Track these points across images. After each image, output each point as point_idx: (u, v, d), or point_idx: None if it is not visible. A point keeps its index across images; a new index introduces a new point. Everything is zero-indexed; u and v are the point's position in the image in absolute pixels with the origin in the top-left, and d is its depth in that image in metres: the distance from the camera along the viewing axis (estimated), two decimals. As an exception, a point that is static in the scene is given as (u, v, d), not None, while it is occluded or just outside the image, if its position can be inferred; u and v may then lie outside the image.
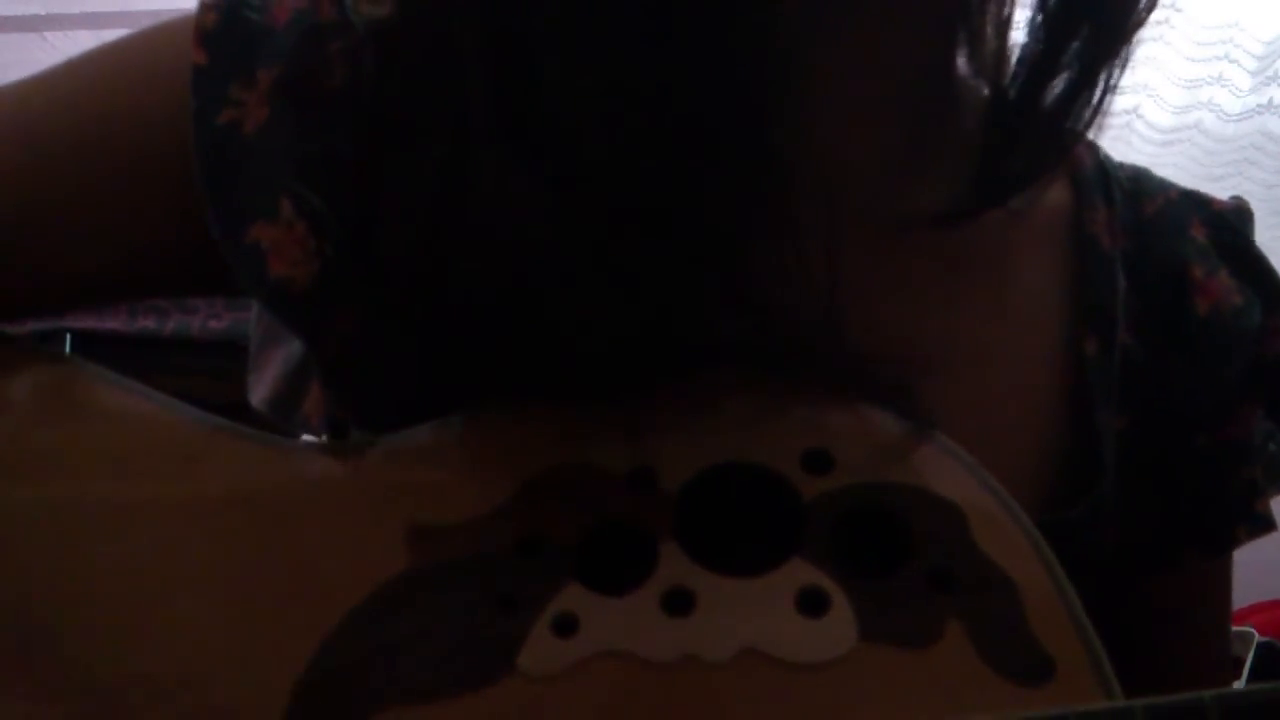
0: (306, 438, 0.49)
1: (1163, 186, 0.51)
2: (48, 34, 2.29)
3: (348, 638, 0.36)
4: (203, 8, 0.42)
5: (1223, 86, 2.18)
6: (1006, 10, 0.42)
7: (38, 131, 0.43)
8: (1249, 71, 2.16)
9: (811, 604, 0.34)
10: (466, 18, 0.38)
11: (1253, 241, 0.51)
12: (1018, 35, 0.43)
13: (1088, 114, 0.42)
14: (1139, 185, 0.51)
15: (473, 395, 0.40)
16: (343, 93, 0.41)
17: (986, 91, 0.45)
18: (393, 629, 0.36)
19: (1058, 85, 0.42)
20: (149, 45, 0.44)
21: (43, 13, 2.25)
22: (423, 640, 0.35)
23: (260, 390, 0.57)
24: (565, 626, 0.35)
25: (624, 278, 0.37)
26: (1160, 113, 2.22)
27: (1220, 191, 0.53)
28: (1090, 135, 0.44)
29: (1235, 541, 0.50)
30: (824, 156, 0.41)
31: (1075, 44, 0.42)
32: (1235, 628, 1.85)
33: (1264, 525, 0.50)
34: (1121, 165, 0.51)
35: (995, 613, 0.34)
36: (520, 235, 0.37)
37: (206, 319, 1.68)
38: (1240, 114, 2.23)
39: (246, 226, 0.41)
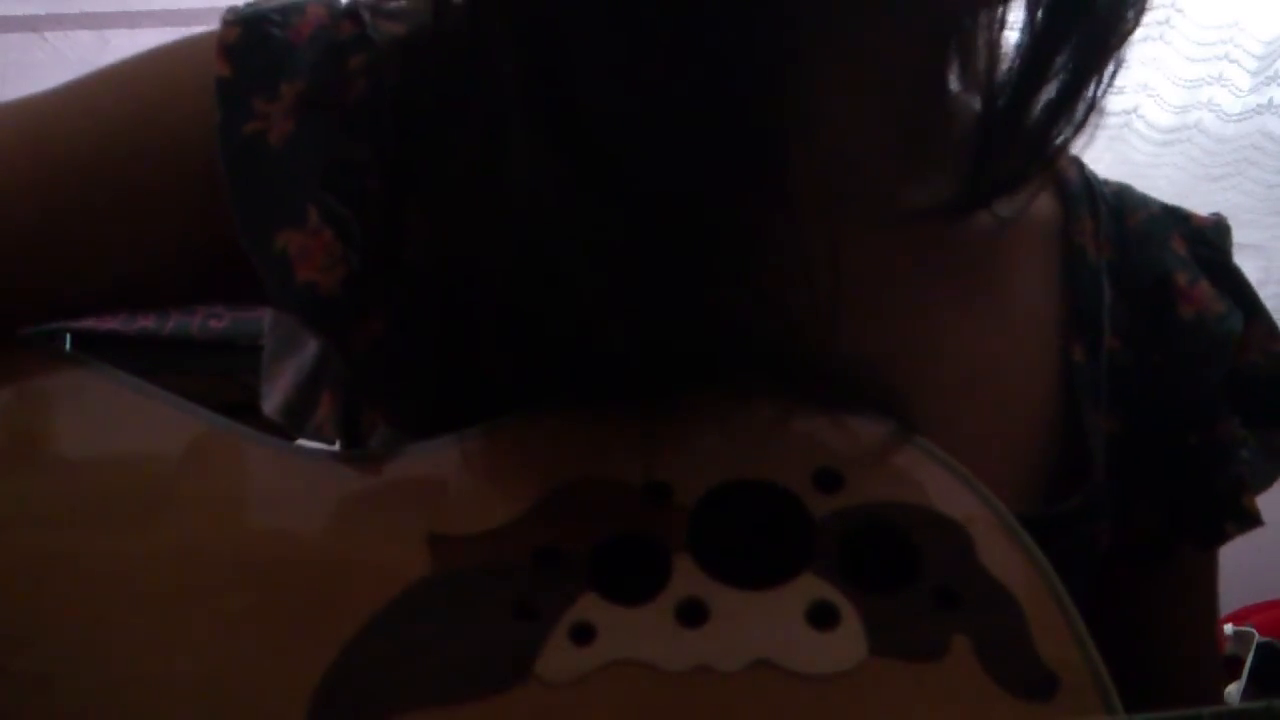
0: (318, 446, 0.49)
1: (1144, 201, 0.53)
2: (48, 34, 2.29)
3: (369, 642, 0.36)
4: (225, 22, 0.43)
5: (1223, 86, 2.19)
6: (998, 23, 0.43)
7: (60, 143, 0.44)
8: (1249, 71, 2.17)
9: (822, 617, 0.35)
10: (500, 26, 0.39)
11: (1230, 257, 0.53)
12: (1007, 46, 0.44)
13: (1074, 123, 0.44)
14: (1122, 200, 0.52)
15: (499, 398, 0.40)
16: (365, 105, 0.42)
17: (978, 104, 0.46)
18: (413, 634, 0.36)
19: (1046, 95, 0.43)
20: (172, 58, 0.45)
21: (43, 13, 2.25)
22: (443, 646, 0.36)
23: (273, 399, 0.57)
24: (582, 635, 0.35)
25: (650, 265, 0.38)
26: (1160, 113, 2.22)
27: (1220, 191, 0.55)
28: (1083, 139, 0.45)
29: (1225, 536, 0.52)
30: (824, 158, 0.43)
31: (1062, 56, 0.43)
32: (1235, 627, 1.86)
33: (1251, 521, 0.51)
34: (1105, 181, 0.53)
35: (1000, 629, 0.35)
36: (553, 225, 0.38)
37: (206, 319, 1.68)
38: (1240, 114, 2.23)
39: (273, 234, 0.41)
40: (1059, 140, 0.44)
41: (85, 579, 0.39)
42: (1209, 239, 0.52)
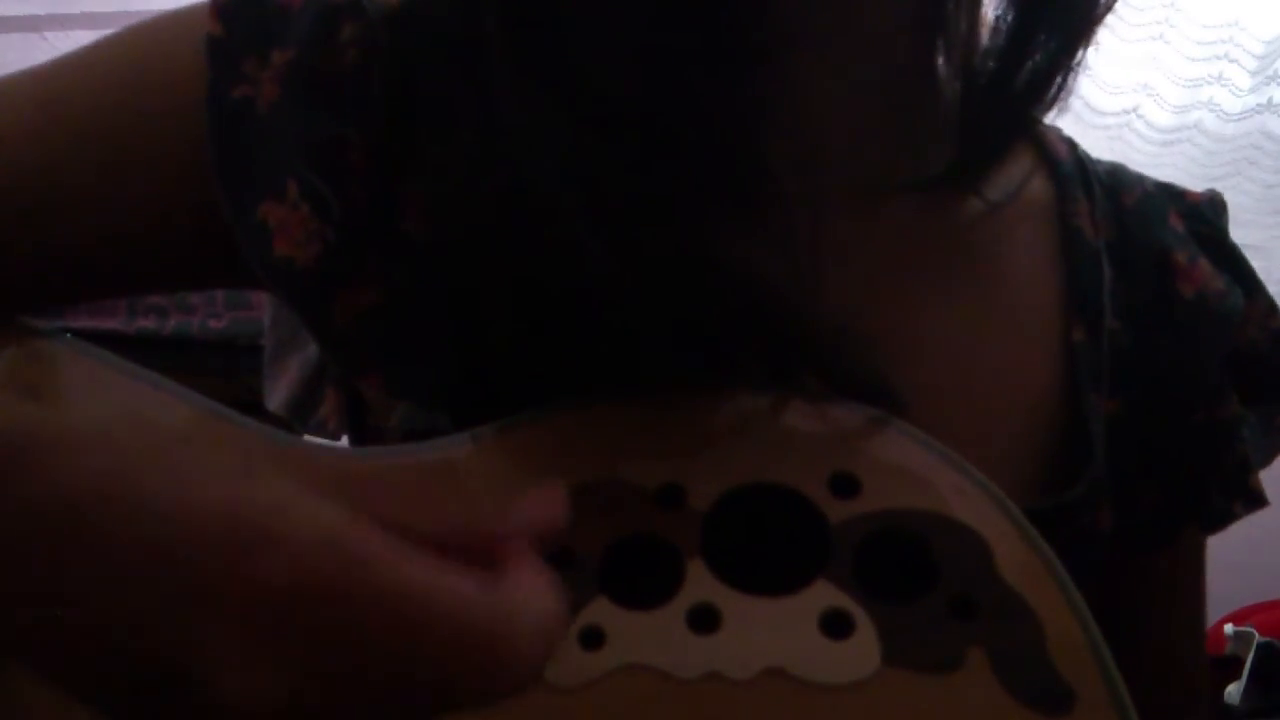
0: (322, 441, 0.49)
1: (1139, 179, 0.53)
2: (48, 34, 2.28)
3: None
4: None
5: (1223, 86, 2.18)
6: (978, 2, 0.44)
7: (59, 110, 0.43)
8: (1249, 71, 2.16)
9: (835, 626, 0.35)
10: None
11: (1227, 233, 0.53)
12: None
13: (1050, 97, 0.45)
14: (1116, 178, 0.52)
15: (503, 367, 0.40)
16: (355, 75, 0.42)
17: (959, 83, 0.46)
18: None
19: (1027, 71, 0.44)
20: (169, 19, 0.45)
21: (43, 13, 2.24)
22: None
23: (277, 395, 0.57)
24: (592, 640, 0.35)
25: (636, 200, 0.38)
26: (1160, 112, 2.21)
27: (1220, 191, 0.55)
28: (1054, 111, 0.46)
29: (1233, 516, 0.51)
30: (808, 130, 0.43)
31: (1043, 33, 0.44)
32: (1235, 627, 1.86)
33: (1257, 500, 0.51)
34: (1098, 160, 0.53)
35: (1016, 641, 0.34)
36: (543, 163, 0.38)
37: (206, 319, 1.68)
38: (1240, 114, 2.23)
39: (255, 204, 0.41)
40: (1035, 113, 0.45)
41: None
42: (1205, 215, 0.52)
